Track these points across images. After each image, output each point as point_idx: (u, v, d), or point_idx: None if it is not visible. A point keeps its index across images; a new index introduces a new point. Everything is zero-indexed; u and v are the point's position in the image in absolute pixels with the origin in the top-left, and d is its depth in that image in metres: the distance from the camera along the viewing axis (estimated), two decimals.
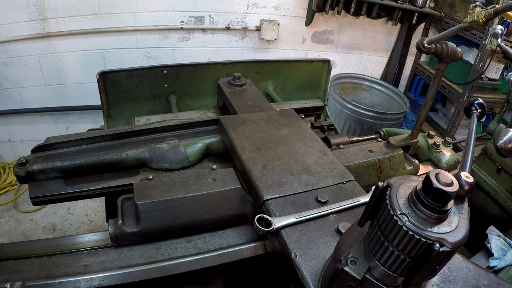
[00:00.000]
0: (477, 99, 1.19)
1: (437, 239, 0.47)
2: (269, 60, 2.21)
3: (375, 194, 0.53)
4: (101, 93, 1.87)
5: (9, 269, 0.85)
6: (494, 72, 3.44)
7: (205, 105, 2.13)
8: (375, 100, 3.99)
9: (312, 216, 0.86)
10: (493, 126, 1.58)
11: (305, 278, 0.71)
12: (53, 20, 2.83)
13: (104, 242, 0.94)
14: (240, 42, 3.41)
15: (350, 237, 0.62)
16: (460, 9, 3.41)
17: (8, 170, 3.35)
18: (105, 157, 1.12)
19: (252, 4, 3.23)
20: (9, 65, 2.95)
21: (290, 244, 0.79)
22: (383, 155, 1.34)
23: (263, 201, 0.92)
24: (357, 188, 1.01)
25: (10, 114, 3.19)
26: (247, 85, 1.65)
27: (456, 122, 3.57)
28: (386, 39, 3.89)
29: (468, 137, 0.94)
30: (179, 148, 1.21)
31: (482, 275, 0.71)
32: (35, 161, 1.10)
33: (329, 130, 1.65)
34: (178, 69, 2.03)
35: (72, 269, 0.86)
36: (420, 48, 1.26)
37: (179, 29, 3.16)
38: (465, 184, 0.51)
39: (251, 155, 1.08)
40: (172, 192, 0.97)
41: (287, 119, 1.33)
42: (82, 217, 3.07)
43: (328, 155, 1.13)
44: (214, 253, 0.93)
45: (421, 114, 1.45)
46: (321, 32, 3.61)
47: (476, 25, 1.17)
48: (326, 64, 2.28)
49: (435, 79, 1.34)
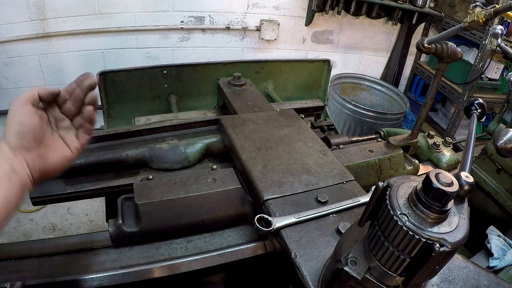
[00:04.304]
0: (477, 99, 1.19)
1: (437, 239, 0.47)
2: (269, 60, 2.21)
3: (375, 194, 0.53)
4: (101, 93, 1.87)
5: (9, 269, 0.85)
6: (494, 72, 3.44)
7: (205, 105, 2.13)
8: (375, 100, 3.99)
9: (312, 216, 0.86)
10: (493, 126, 1.58)
11: (305, 278, 0.71)
12: (53, 20, 2.83)
13: (104, 242, 0.94)
14: (240, 42, 3.41)
15: (350, 237, 0.62)
16: (460, 9, 3.41)
17: None
18: (105, 157, 1.12)
19: (252, 4, 3.23)
20: (9, 65, 2.95)
21: (290, 244, 0.79)
22: (383, 155, 1.34)
23: (263, 201, 0.93)
24: (357, 188, 1.01)
25: None
26: (247, 85, 1.65)
27: (456, 122, 3.57)
28: (386, 39, 3.89)
29: (468, 137, 0.94)
30: (179, 148, 1.21)
31: (482, 275, 0.71)
32: None
33: (329, 130, 1.65)
34: (178, 69, 2.03)
35: (72, 269, 0.86)
36: (420, 48, 1.26)
37: (179, 29, 3.17)
38: (465, 184, 0.51)
39: (251, 155, 1.08)
40: (172, 192, 0.97)
41: (287, 119, 1.33)
42: (82, 217, 3.07)
43: (328, 155, 1.13)
44: (214, 253, 0.93)
45: (421, 114, 1.45)
46: (321, 32, 3.61)
47: (476, 25, 1.17)
48: (326, 64, 2.28)
49: (435, 79, 1.34)
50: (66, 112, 0.77)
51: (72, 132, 0.78)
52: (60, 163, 0.74)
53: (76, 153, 0.78)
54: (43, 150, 0.71)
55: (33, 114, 0.68)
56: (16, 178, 0.64)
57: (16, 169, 0.64)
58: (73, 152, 0.77)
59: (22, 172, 0.65)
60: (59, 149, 0.75)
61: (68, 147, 0.77)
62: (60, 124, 0.77)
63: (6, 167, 0.63)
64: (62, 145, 0.76)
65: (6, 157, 0.65)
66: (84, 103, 0.78)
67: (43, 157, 0.70)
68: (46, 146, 0.72)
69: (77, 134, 0.79)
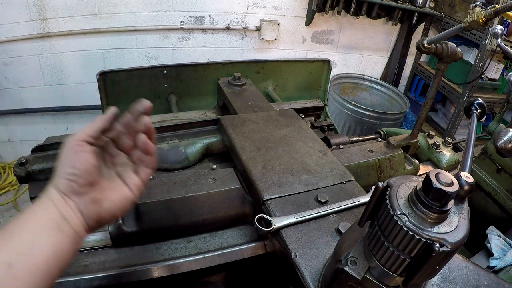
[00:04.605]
0: (477, 99, 1.19)
1: (437, 239, 0.47)
2: (269, 60, 2.21)
3: (375, 194, 0.53)
4: (101, 93, 1.87)
5: None
6: (494, 72, 3.44)
7: (205, 105, 2.13)
8: (375, 100, 3.99)
9: (312, 216, 0.86)
10: (493, 126, 1.58)
11: (305, 278, 0.71)
12: (53, 20, 2.83)
13: (104, 242, 0.94)
14: (240, 42, 3.41)
15: (350, 237, 0.62)
16: (460, 9, 3.41)
17: (8, 170, 3.35)
18: None
19: (252, 4, 3.23)
20: (9, 65, 2.95)
21: (290, 244, 0.79)
22: (383, 155, 1.34)
23: (263, 201, 0.93)
24: (357, 188, 1.01)
25: (10, 114, 3.19)
26: (247, 85, 1.65)
27: (456, 122, 3.57)
28: (386, 39, 3.89)
29: (468, 137, 0.94)
30: (179, 148, 1.22)
31: (482, 275, 0.71)
32: (35, 161, 1.10)
33: (329, 130, 1.65)
34: (178, 69, 2.03)
35: (72, 269, 0.86)
36: (420, 48, 1.26)
37: (179, 29, 3.17)
38: (465, 184, 0.51)
39: (251, 155, 1.08)
40: (172, 192, 0.97)
41: (287, 119, 1.33)
42: None
43: (328, 155, 1.13)
44: (214, 253, 0.93)
45: (421, 114, 1.45)
46: (321, 32, 3.61)
47: (476, 25, 1.17)
48: (326, 64, 2.28)
49: (435, 79, 1.34)
50: (121, 146, 0.67)
51: (130, 168, 0.67)
52: (119, 206, 0.63)
53: (137, 192, 0.66)
54: (98, 193, 0.60)
55: (86, 154, 0.59)
56: (68, 227, 0.56)
57: (67, 217, 0.56)
58: (133, 191, 0.65)
59: (75, 220, 0.57)
60: (116, 190, 0.64)
61: (127, 186, 0.65)
62: (116, 160, 0.67)
63: (56, 214, 0.55)
64: (120, 184, 0.65)
65: (56, 203, 0.56)
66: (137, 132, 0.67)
67: (98, 201, 0.60)
68: (102, 188, 0.62)
69: (137, 169, 0.67)
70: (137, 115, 0.66)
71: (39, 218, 0.55)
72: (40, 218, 0.55)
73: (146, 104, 0.66)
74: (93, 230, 0.60)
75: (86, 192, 0.59)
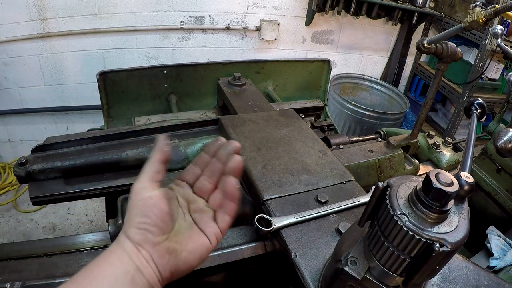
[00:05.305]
0: (477, 99, 1.19)
1: (437, 239, 0.47)
2: (269, 60, 2.21)
3: (375, 194, 0.53)
4: (101, 93, 1.87)
5: (9, 269, 0.85)
6: (494, 72, 3.44)
7: (205, 105, 2.13)
8: (375, 100, 3.99)
9: (312, 216, 0.86)
10: (493, 126, 1.58)
11: (305, 278, 0.71)
12: (53, 20, 2.83)
13: (104, 242, 0.94)
14: (240, 42, 3.41)
15: (350, 237, 0.62)
16: (460, 9, 3.41)
17: (8, 170, 3.35)
18: (105, 157, 1.12)
19: (252, 4, 3.23)
20: (9, 65, 2.95)
21: (290, 244, 0.79)
22: (383, 155, 1.34)
23: (263, 201, 0.93)
24: (357, 188, 1.01)
25: (10, 114, 3.19)
26: (247, 85, 1.65)
27: (456, 122, 3.57)
28: (386, 39, 3.89)
29: (468, 137, 0.94)
30: (179, 148, 1.22)
31: (482, 275, 0.71)
32: (35, 161, 1.10)
33: (329, 130, 1.65)
34: (178, 69, 2.03)
35: (72, 269, 0.86)
36: (420, 48, 1.26)
37: (179, 29, 3.16)
38: (465, 184, 0.51)
39: (251, 155, 1.08)
40: None
41: (287, 119, 1.33)
42: (82, 217, 3.07)
43: (328, 155, 1.14)
44: (214, 253, 0.93)
45: (421, 114, 1.45)
46: (321, 32, 3.61)
47: (476, 25, 1.17)
48: (326, 64, 2.28)
49: (435, 79, 1.34)
50: (199, 190, 0.63)
51: (208, 214, 0.62)
52: (196, 256, 0.58)
53: (215, 242, 0.60)
54: (173, 242, 0.55)
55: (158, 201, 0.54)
56: (142, 279, 0.51)
57: (141, 268, 0.51)
58: (211, 240, 0.59)
59: (149, 271, 0.52)
60: (193, 239, 0.58)
61: (205, 234, 0.60)
62: (192, 206, 0.62)
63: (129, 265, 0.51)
64: (197, 232, 0.59)
65: (129, 253, 0.52)
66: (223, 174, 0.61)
67: (173, 251, 0.55)
68: (177, 237, 0.57)
69: (215, 216, 0.62)
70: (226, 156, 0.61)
71: (114, 270, 0.50)
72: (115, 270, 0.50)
73: (236, 145, 0.62)
74: (168, 282, 0.56)
75: (161, 242, 0.54)
